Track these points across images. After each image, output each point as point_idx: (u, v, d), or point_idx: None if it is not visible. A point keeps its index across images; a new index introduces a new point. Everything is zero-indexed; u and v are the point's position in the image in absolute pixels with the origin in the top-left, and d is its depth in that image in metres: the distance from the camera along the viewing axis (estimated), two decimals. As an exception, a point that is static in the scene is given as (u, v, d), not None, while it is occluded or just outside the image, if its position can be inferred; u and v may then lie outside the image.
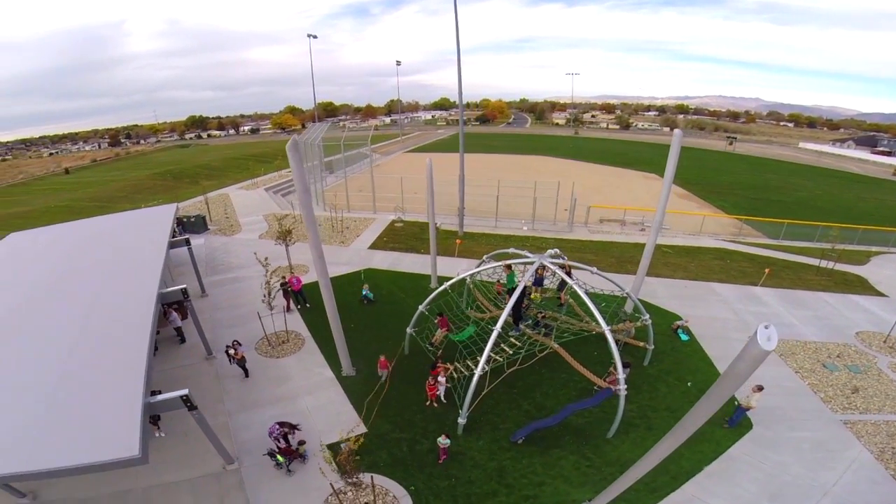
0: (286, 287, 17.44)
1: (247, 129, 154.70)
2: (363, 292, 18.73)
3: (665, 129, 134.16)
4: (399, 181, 32.78)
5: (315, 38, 55.05)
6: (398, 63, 78.66)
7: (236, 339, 14.16)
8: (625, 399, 11.14)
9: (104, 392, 8.98)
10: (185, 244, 18.64)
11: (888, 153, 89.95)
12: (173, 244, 18.20)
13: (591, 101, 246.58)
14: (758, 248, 26.69)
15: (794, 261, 24.52)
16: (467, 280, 16.19)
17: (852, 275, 22.39)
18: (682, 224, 30.87)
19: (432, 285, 19.34)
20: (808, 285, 21.12)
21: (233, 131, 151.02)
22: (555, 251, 14.38)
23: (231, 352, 13.78)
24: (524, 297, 13.18)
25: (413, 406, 12.79)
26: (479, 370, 11.11)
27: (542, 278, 14.07)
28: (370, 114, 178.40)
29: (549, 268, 13.09)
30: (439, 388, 12.53)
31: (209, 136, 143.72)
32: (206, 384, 13.82)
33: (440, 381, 12.44)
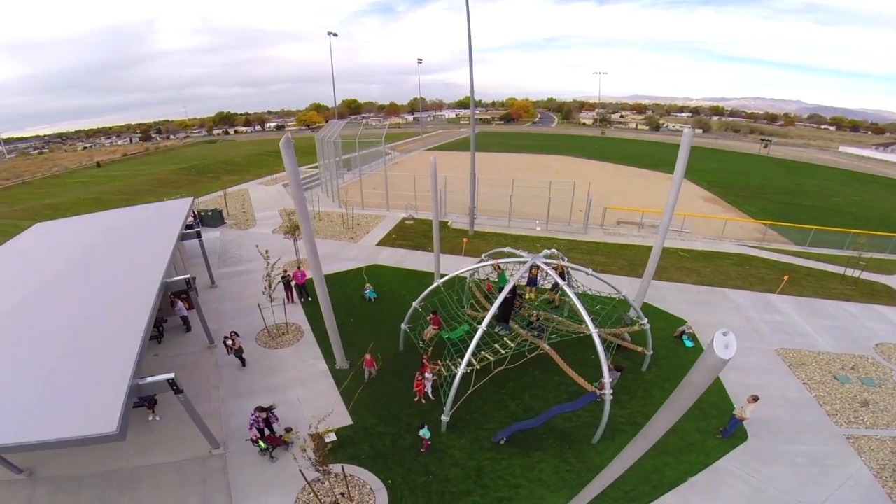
0: (287, 280, 17.81)
1: (272, 125, 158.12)
2: (366, 292, 18.82)
3: (698, 131, 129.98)
4: (412, 179, 32.95)
5: (335, 35, 55.57)
6: (419, 61, 78.81)
7: (234, 330, 14.55)
8: (610, 404, 10.82)
9: (95, 372, 9.40)
10: (197, 237, 19.32)
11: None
12: (185, 236, 18.90)
13: (622, 101, 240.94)
14: (781, 255, 25.52)
15: (818, 268, 23.33)
16: (468, 279, 16.16)
17: (880, 284, 21.14)
18: (703, 228, 29.84)
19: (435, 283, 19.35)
20: (831, 294, 20.07)
21: (258, 128, 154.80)
22: (551, 251, 14.17)
23: (229, 342, 14.17)
24: (515, 297, 13.02)
25: (401, 401, 12.85)
26: (461, 369, 11.06)
27: (535, 278, 13.88)
28: (393, 112, 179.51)
29: (542, 268, 12.90)
30: (426, 385, 12.55)
31: (235, 132, 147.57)
32: (205, 372, 14.28)
33: (427, 378, 12.45)
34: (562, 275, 12.59)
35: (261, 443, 10.55)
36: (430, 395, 12.74)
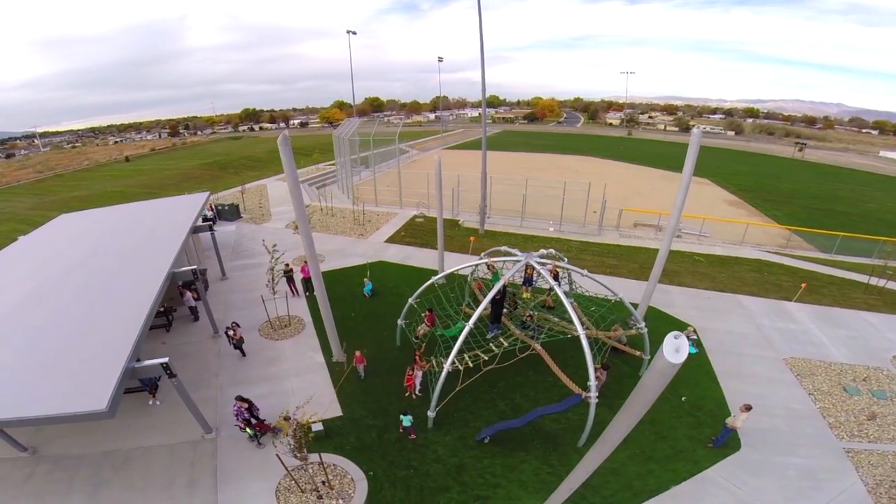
0: (289, 274, 18.25)
1: (296, 122, 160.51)
2: (364, 287, 19.06)
3: (729, 133, 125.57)
4: (426, 178, 33.08)
5: (355, 34, 56.34)
6: (440, 59, 79.11)
7: (235, 321, 14.98)
8: (598, 407, 10.65)
9: (95, 353, 9.90)
10: (209, 230, 19.96)
11: None
12: (198, 229, 19.57)
13: (653, 101, 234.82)
14: (803, 262, 24.45)
15: (841, 276, 22.26)
16: (469, 277, 16.17)
17: (906, 295, 20.01)
18: (724, 232, 28.88)
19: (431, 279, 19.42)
20: (852, 303, 19.14)
21: (283, 124, 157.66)
22: (549, 251, 14.03)
23: (230, 332, 14.61)
24: (504, 297, 12.94)
25: (391, 396, 12.99)
26: (446, 367, 11.10)
27: (530, 278, 13.76)
28: (415, 110, 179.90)
29: (536, 268, 12.79)
30: (416, 380, 12.65)
31: (260, 128, 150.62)
32: (207, 360, 14.78)
33: (416, 373, 12.55)
34: (555, 276, 12.41)
35: (248, 430, 10.86)
36: (418, 391, 12.83)
